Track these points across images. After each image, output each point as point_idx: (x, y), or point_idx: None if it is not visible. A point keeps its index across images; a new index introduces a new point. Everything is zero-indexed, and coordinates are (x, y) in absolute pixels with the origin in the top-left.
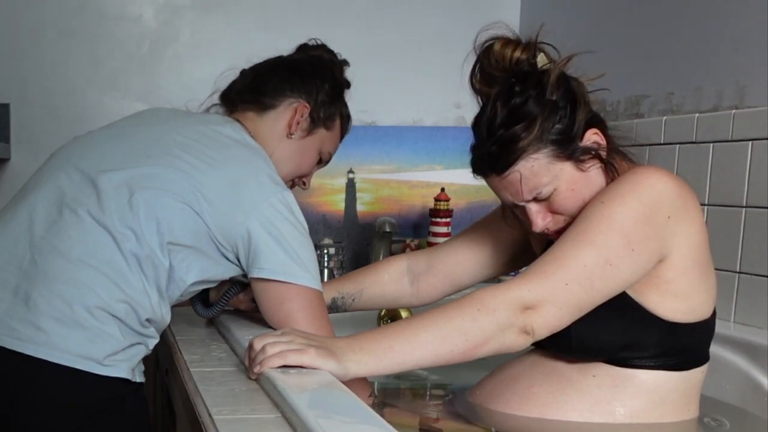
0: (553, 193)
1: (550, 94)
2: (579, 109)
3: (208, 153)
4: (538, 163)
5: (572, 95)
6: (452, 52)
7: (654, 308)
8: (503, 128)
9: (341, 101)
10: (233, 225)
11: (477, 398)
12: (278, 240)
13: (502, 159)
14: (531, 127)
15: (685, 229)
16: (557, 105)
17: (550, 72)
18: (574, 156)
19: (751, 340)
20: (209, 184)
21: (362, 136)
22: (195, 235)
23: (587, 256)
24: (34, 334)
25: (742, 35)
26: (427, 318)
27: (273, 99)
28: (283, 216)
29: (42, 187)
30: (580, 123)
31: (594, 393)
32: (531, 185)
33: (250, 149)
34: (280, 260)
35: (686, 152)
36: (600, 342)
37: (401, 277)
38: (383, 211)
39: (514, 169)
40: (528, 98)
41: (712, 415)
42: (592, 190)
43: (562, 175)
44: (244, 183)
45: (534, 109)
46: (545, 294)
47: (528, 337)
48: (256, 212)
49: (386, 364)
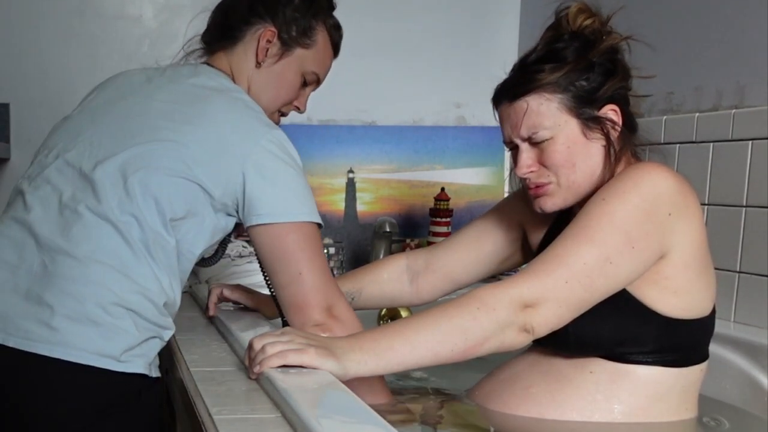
0: (548, 141)
1: (592, 54)
2: (611, 81)
3: (190, 113)
4: (548, 105)
5: (612, 66)
6: (452, 52)
7: (653, 304)
8: (533, 62)
9: (319, 11)
10: (230, 178)
11: (476, 398)
12: (273, 182)
13: (518, 86)
14: (557, 69)
15: (685, 226)
16: (593, 66)
17: (604, 38)
18: (583, 116)
19: (751, 339)
20: (197, 146)
21: (362, 136)
22: (195, 204)
23: (588, 254)
24: (48, 334)
25: (742, 35)
26: (427, 317)
27: (238, 31)
28: (275, 156)
29: (39, 188)
30: (605, 92)
31: (592, 390)
32: (531, 122)
33: (229, 95)
34: (276, 202)
35: (686, 152)
36: (598, 337)
37: (400, 276)
38: (383, 211)
39: (524, 99)
40: (569, 47)
41: (711, 415)
42: (587, 162)
43: (564, 127)
44: (230, 134)
45: (569, 57)
46: (545, 292)
47: (528, 335)
48: (250, 160)
49: (386, 364)
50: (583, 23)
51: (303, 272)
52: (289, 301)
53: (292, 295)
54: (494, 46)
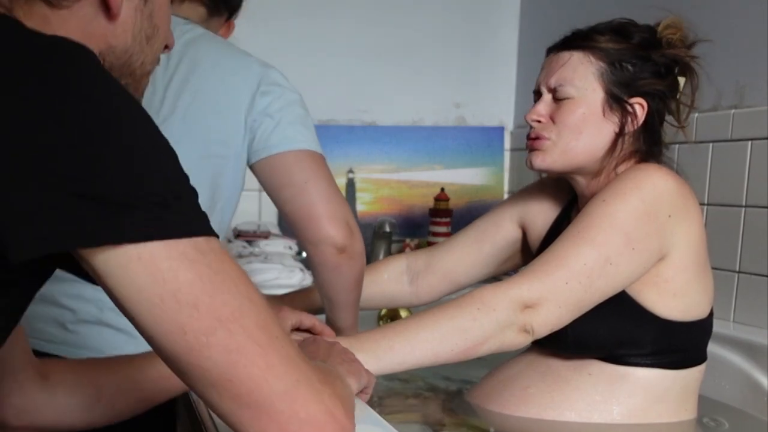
0: (569, 100)
1: (653, 53)
2: (655, 80)
3: (156, 103)
4: (587, 66)
5: (665, 72)
6: (452, 52)
7: (651, 306)
8: (602, 28)
9: None
10: (243, 129)
11: (475, 399)
12: (272, 116)
13: (574, 39)
14: (616, 42)
15: (685, 227)
16: (647, 60)
17: (674, 49)
18: (611, 94)
19: (751, 339)
20: (193, 125)
21: (362, 136)
22: (238, 181)
23: (588, 254)
24: (67, 336)
25: (742, 35)
26: (427, 317)
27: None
28: (275, 95)
29: None
30: (643, 85)
31: (590, 392)
32: (564, 75)
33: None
34: (278, 134)
35: (686, 152)
36: (596, 338)
37: (400, 276)
38: (383, 211)
39: (571, 52)
40: (639, 33)
41: (711, 416)
42: (592, 137)
43: (590, 94)
44: (217, 98)
45: (634, 38)
46: (545, 293)
47: (527, 335)
48: (255, 108)
49: (386, 364)
50: (667, 35)
51: (309, 181)
52: (298, 215)
53: (300, 207)
54: (494, 46)
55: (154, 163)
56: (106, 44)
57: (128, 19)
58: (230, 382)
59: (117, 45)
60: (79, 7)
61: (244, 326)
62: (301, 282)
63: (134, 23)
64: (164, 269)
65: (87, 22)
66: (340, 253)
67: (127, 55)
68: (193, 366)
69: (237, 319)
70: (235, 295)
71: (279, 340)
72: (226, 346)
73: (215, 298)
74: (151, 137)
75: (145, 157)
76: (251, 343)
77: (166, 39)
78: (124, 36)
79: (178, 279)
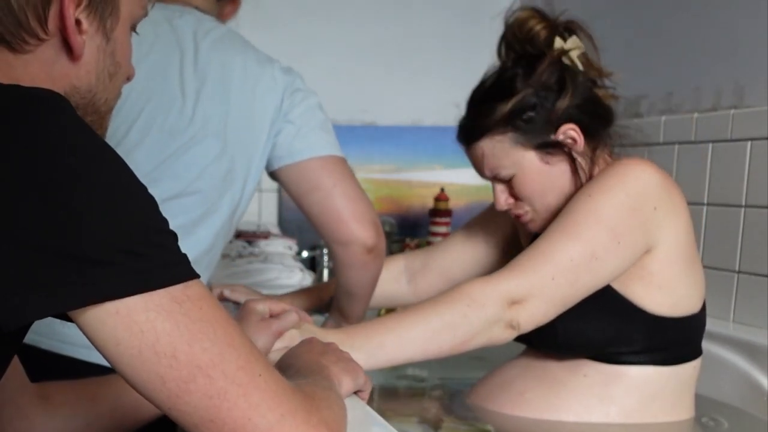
0: (513, 179)
1: (538, 76)
2: (561, 101)
3: (171, 121)
4: (501, 146)
5: (560, 85)
6: (452, 52)
7: (639, 301)
8: (481, 100)
9: None
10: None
11: (474, 400)
12: (293, 122)
13: (469, 132)
14: (503, 105)
15: (671, 220)
16: (539, 91)
17: (548, 56)
18: (539, 146)
19: (751, 339)
20: (226, 145)
21: (362, 136)
22: (254, 188)
23: (574, 250)
24: (84, 338)
25: (742, 35)
26: (417, 313)
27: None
28: (296, 101)
29: None
30: (556, 115)
31: (586, 394)
32: (491, 165)
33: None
34: (301, 141)
35: (685, 152)
36: (586, 337)
37: (399, 276)
38: (383, 211)
39: (478, 145)
40: (515, 75)
41: (710, 415)
42: (556, 185)
43: (523, 162)
44: (236, 103)
45: (515, 87)
46: (532, 289)
47: (513, 331)
48: (279, 117)
49: (376, 361)
50: (533, 28)
51: (337, 185)
52: (326, 218)
53: (328, 210)
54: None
55: (131, 214)
56: (70, 85)
57: (91, 60)
58: (212, 422)
59: (81, 86)
60: (41, 50)
61: (224, 371)
62: (301, 282)
63: (97, 63)
64: (141, 322)
65: (50, 65)
66: (368, 253)
67: (91, 95)
68: (175, 410)
69: (217, 365)
70: (213, 341)
71: (261, 378)
72: (206, 392)
73: (193, 346)
74: (125, 187)
75: (120, 210)
76: (233, 386)
77: (127, 73)
78: (88, 76)
79: (155, 330)
